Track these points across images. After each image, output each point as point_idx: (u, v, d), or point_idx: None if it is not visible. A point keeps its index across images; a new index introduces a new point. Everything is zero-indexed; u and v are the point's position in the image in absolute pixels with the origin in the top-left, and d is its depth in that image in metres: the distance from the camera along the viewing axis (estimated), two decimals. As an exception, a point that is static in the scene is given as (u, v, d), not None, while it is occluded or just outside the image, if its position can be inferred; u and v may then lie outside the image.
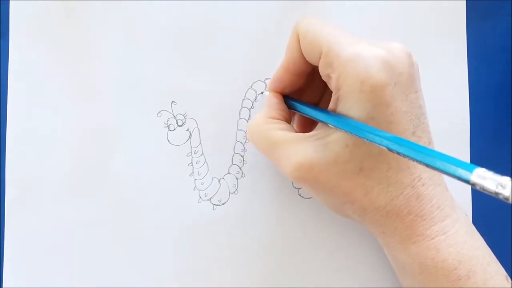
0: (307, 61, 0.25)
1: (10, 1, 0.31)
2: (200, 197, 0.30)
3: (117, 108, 0.31)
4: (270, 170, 0.30)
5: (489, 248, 0.25)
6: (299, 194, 0.30)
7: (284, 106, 0.27)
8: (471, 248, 0.23)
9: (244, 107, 0.31)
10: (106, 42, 0.31)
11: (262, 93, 0.30)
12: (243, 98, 0.31)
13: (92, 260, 0.30)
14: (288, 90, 0.27)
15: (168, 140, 0.31)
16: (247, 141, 0.31)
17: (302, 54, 0.25)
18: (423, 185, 0.23)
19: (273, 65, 0.30)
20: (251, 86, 0.31)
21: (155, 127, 0.30)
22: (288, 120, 0.27)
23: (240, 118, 0.31)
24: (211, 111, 0.31)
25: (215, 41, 0.31)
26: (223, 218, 0.30)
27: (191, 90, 0.31)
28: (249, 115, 0.31)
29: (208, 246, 0.30)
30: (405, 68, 0.23)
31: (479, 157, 0.31)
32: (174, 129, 0.31)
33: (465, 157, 0.31)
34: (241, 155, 0.31)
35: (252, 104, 0.31)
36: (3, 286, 0.30)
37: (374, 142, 0.21)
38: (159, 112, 0.31)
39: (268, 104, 0.27)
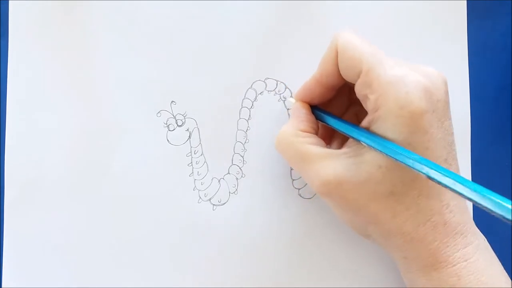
0: (341, 75, 0.25)
1: (9, 1, 0.31)
2: (200, 197, 0.30)
3: (116, 108, 0.30)
4: (270, 170, 0.30)
5: (506, 274, 0.25)
6: (299, 195, 0.30)
7: (312, 117, 0.27)
8: (490, 276, 0.23)
9: (244, 107, 0.31)
10: (106, 42, 0.31)
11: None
12: (243, 98, 0.31)
13: (91, 260, 0.30)
14: (316, 101, 0.27)
15: (167, 140, 0.31)
16: (247, 141, 0.31)
17: (338, 69, 0.25)
18: (450, 212, 0.23)
19: (273, 65, 0.30)
20: (251, 86, 0.31)
21: (154, 127, 0.30)
22: (317, 132, 0.27)
23: (240, 118, 0.31)
24: (211, 111, 0.31)
25: (215, 41, 0.31)
26: (223, 218, 0.30)
27: (191, 90, 0.31)
28: (249, 115, 0.31)
29: (208, 246, 0.30)
30: (442, 95, 0.23)
31: (479, 157, 0.31)
32: (174, 129, 0.31)
33: (466, 156, 0.30)
34: (241, 155, 0.31)
35: (252, 104, 0.31)
36: (3, 286, 0.30)
37: (414, 168, 0.20)
38: (158, 112, 0.31)
39: (296, 115, 0.27)
